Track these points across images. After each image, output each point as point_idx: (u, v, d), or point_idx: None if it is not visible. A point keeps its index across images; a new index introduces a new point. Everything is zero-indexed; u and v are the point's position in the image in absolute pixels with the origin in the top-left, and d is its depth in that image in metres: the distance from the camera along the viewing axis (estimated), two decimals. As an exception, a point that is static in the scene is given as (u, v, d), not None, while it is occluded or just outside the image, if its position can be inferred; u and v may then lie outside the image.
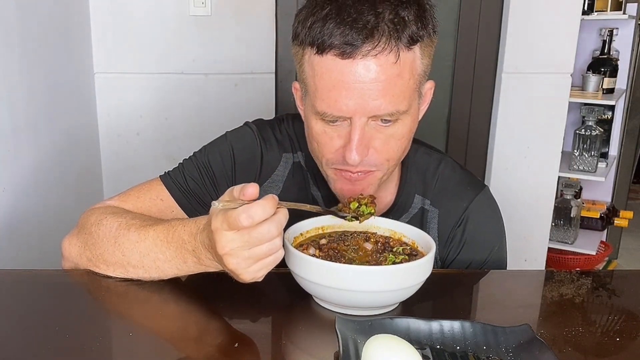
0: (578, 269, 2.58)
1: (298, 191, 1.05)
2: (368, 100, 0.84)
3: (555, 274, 1.00)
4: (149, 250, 0.87)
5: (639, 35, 2.90)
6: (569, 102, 2.20)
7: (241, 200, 0.73)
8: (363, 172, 0.91)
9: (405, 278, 0.79)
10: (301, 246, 0.88)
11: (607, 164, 2.76)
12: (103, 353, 0.74)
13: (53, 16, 1.71)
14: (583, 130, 2.60)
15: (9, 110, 1.45)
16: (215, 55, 2.09)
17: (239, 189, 0.75)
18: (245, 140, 1.06)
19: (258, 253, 0.74)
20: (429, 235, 0.89)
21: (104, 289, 0.90)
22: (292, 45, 0.91)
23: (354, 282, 0.77)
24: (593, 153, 2.58)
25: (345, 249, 0.89)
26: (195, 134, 2.11)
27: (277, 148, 1.06)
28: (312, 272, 0.79)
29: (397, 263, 0.83)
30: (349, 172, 0.91)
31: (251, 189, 0.73)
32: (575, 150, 2.61)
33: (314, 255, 0.83)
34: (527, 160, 2.23)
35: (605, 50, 2.71)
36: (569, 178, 2.70)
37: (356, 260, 0.86)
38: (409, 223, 0.95)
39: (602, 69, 2.66)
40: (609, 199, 3.11)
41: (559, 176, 2.32)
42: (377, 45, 0.82)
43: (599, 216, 2.90)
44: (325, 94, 0.86)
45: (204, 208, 1.02)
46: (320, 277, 0.78)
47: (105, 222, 0.92)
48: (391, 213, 1.02)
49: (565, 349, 0.76)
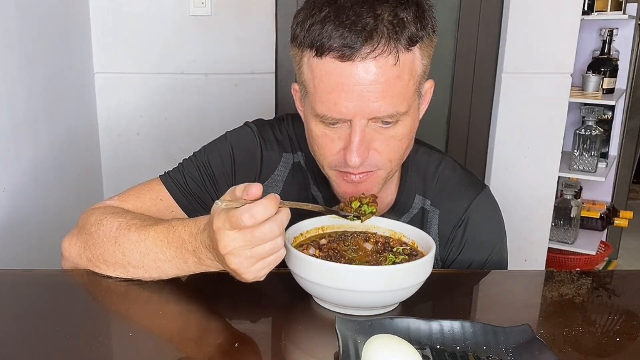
0: (578, 269, 2.58)
1: (298, 191, 1.05)
2: (368, 103, 0.84)
3: (555, 274, 1.00)
4: (149, 250, 0.87)
5: (639, 35, 2.90)
6: (569, 102, 2.20)
7: (243, 199, 0.73)
8: (365, 174, 0.91)
9: (405, 278, 0.79)
10: (301, 246, 0.88)
11: (607, 164, 2.76)
12: (103, 353, 0.74)
13: (53, 16, 1.71)
14: (583, 130, 2.60)
15: (8, 110, 1.44)
16: (215, 55, 2.09)
17: (241, 189, 0.74)
18: (245, 140, 1.06)
19: (260, 252, 0.74)
20: (429, 235, 0.89)
21: (104, 289, 0.90)
22: (291, 47, 0.91)
23: (354, 282, 0.77)
24: (593, 153, 2.58)
25: (345, 249, 0.89)
26: (195, 134, 2.11)
27: (277, 148, 1.06)
28: (312, 272, 0.79)
29: (397, 263, 0.83)
30: (351, 174, 0.91)
31: (255, 188, 0.73)
32: (575, 150, 2.61)
33: (314, 255, 0.84)
34: (527, 160, 2.23)
35: (605, 50, 2.71)
36: (569, 178, 2.70)
37: (356, 260, 0.86)
38: (410, 223, 0.95)
39: (602, 69, 2.66)
40: (609, 199, 3.11)
41: (559, 176, 2.32)
42: (377, 47, 0.82)
43: (599, 216, 2.90)
44: (325, 96, 0.86)
45: (204, 208, 1.02)
46: (320, 277, 0.78)
47: (105, 222, 0.92)
48: (392, 213, 1.02)
49: (565, 349, 0.76)
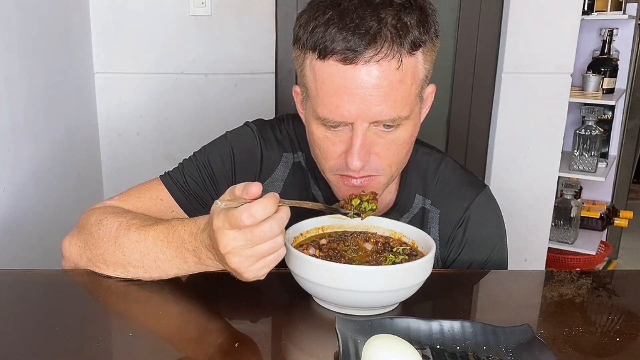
0: (578, 269, 2.58)
1: (299, 191, 1.05)
2: (370, 106, 0.84)
3: (555, 274, 1.00)
4: (149, 250, 0.87)
5: (639, 35, 2.90)
6: (569, 102, 2.20)
7: (243, 199, 0.73)
8: (366, 178, 0.91)
9: (405, 278, 0.79)
10: (301, 246, 0.88)
11: (607, 164, 2.76)
12: (103, 353, 0.74)
13: (53, 16, 1.71)
14: (583, 130, 2.60)
15: (9, 110, 1.44)
16: (215, 55, 2.09)
17: (241, 188, 0.74)
18: (245, 140, 1.06)
19: (260, 251, 0.74)
20: (429, 235, 0.89)
21: (104, 289, 0.90)
22: (293, 49, 0.90)
23: (354, 282, 0.77)
24: (593, 153, 2.58)
25: (345, 249, 0.89)
26: (195, 134, 2.11)
27: (277, 148, 1.06)
28: (312, 272, 0.79)
29: (397, 263, 0.83)
30: (351, 178, 0.91)
31: (255, 188, 0.73)
32: (575, 150, 2.61)
33: (314, 255, 0.84)
34: (527, 160, 2.23)
35: (605, 50, 2.71)
36: (569, 178, 2.70)
37: (356, 260, 0.86)
38: (410, 223, 0.95)
39: (602, 69, 2.66)
40: (609, 199, 3.11)
41: (559, 176, 2.32)
42: (380, 51, 0.82)
43: (599, 216, 2.90)
44: (327, 99, 0.85)
45: (204, 208, 1.02)
46: (320, 277, 0.78)
47: (106, 222, 0.92)
48: (392, 213, 1.02)
49: (565, 349, 0.76)
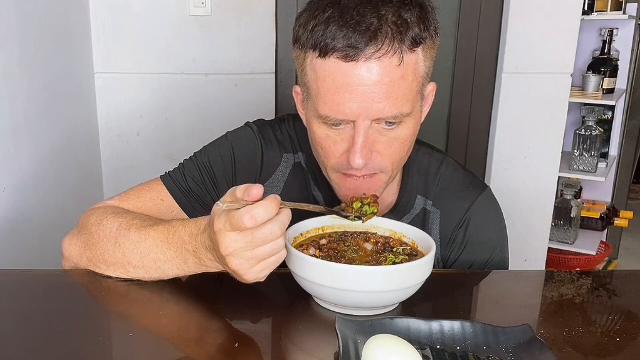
0: (578, 269, 2.58)
1: (299, 191, 1.05)
2: (371, 103, 0.84)
3: (555, 274, 1.00)
4: (150, 250, 0.87)
5: (639, 35, 2.90)
6: (569, 102, 2.20)
7: (244, 200, 0.73)
8: (367, 176, 0.91)
9: (405, 278, 0.79)
10: (301, 246, 0.88)
11: (607, 164, 2.76)
12: (103, 353, 0.74)
13: (53, 16, 1.71)
14: (583, 130, 2.60)
15: (9, 110, 1.44)
16: (215, 55, 2.09)
17: (242, 189, 0.74)
18: (245, 140, 1.06)
19: (261, 253, 0.74)
20: (430, 235, 0.89)
21: (104, 289, 0.90)
22: (293, 49, 0.90)
23: (354, 282, 0.77)
24: (593, 153, 2.58)
25: (345, 249, 0.89)
26: (195, 134, 2.11)
27: (278, 148, 1.06)
28: (312, 272, 0.79)
29: (397, 263, 0.83)
30: (354, 177, 0.91)
31: (256, 189, 0.73)
32: (575, 150, 2.61)
33: (314, 255, 0.84)
34: (527, 160, 2.23)
35: (605, 50, 2.71)
36: (569, 178, 2.70)
37: (356, 260, 0.86)
38: (411, 224, 0.95)
39: (602, 69, 2.67)
40: (609, 199, 3.11)
41: (559, 176, 2.32)
42: (381, 47, 0.82)
43: (599, 216, 2.90)
44: (329, 97, 0.85)
45: (204, 208, 1.02)
46: (320, 277, 0.78)
47: (106, 222, 0.92)
48: (393, 213, 1.02)
49: (565, 349, 0.76)
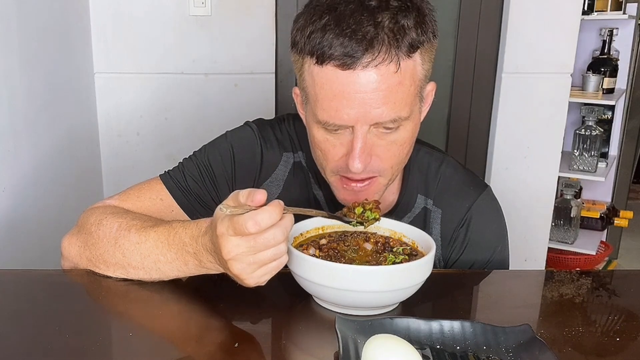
0: (578, 269, 2.58)
1: (299, 191, 1.05)
2: (369, 109, 0.84)
3: (555, 274, 1.00)
4: (150, 252, 0.87)
5: (639, 35, 2.90)
6: (569, 102, 2.20)
7: (248, 205, 0.73)
8: (366, 180, 0.91)
9: (405, 278, 0.79)
10: (301, 246, 0.88)
11: (607, 164, 2.76)
12: (103, 353, 0.74)
13: (53, 16, 1.71)
14: (583, 130, 2.60)
15: (9, 110, 1.44)
16: (215, 55, 2.09)
17: (245, 194, 0.74)
18: (245, 140, 1.06)
19: (263, 258, 0.74)
20: (431, 235, 0.89)
21: (104, 289, 0.90)
22: (291, 52, 0.90)
23: (354, 282, 0.77)
24: (593, 153, 2.58)
25: (345, 249, 0.89)
26: (195, 134, 2.11)
27: (278, 147, 1.06)
28: (312, 272, 0.79)
29: (397, 263, 0.83)
30: (352, 181, 0.91)
31: (260, 195, 0.73)
32: (575, 150, 2.61)
33: (314, 255, 0.84)
34: (527, 160, 2.23)
35: (605, 50, 2.71)
36: (569, 178, 2.70)
37: (356, 260, 0.86)
38: (412, 223, 0.95)
39: (602, 69, 2.67)
40: (609, 199, 3.11)
41: (559, 176, 2.32)
42: (377, 55, 0.82)
43: (599, 216, 2.90)
44: (327, 103, 0.86)
45: (204, 208, 1.02)
46: (320, 277, 0.78)
47: (106, 223, 0.92)
48: (394, 213, 1.02)
49: (565, 349, 0.76)
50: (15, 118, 1.48)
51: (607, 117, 2.85)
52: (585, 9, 2.52)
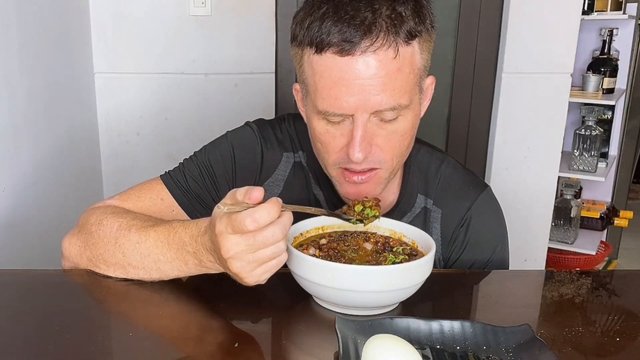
0: (578, 269, 2.58)
1: (299, 191, 1.05)
2: (369, 96, 0.84)
3: (555, 274, 1.00)
4: (150, 251, 0.87)
5: (639, 35, 2.90)
6: (569, 102, 2.20)
7: (246, 203, 0.73)
8: (368, 171, 0.91)
9: (405, 278, 0.79)
10: (301, 246, 0.88)
11: (607, 164, 2.76)
12: (103, 353, 0.74)
13: (53, 16, 1.71)
14: (583, 130, 2.60)
15: (9, 110, 1.44)
16: (215, 55, 2.09)
17: (243, 192, 0.74)
18: (245, 140, 1.06)
19: (262, 256, 0.74)
20: (431, 235, 0.89)
21: (104, 289, 0.90)
22: (291, 47, 0.91)
23: (354, 282, 0.77)
24: (593, 153, 2.58)
25: (345, 249, 0.89)
26: (195, 134, 2.11)
27: (278, 147, 1.06)
28: (312, 272, 0.79)
29: (397, 263, 0.83)
30: (353, 173, 0.91)
31: (257, 192, 0.73)
32: (575, 150, 2.61)
33: (314, 255, 0.84)
34: (527, 160, 2.23)
35: (605, 50, 2.71)
36: (569, 178, 2.70)
37: (356, 260, 0.86)
38: (412, 223, 0.95)
39: (602, 69, 2.67)
40: (609, 199, 3.11)
41: (559, 176, 2.32)
42: (376, 41, 0.82)
43: (599, 216, 2.90)
44: (326, 92, 0.86)
45: (205, 208, 1.02)
46: (320, 277, 0.78)
47: (106, 222, 0.92)
48: (394, 213, 1.02)
49: (565, 349, 0.76)
50: (15, 118, 1.48)
51: (607, 117, 2.85)
52: (585, 9, 2.52)
